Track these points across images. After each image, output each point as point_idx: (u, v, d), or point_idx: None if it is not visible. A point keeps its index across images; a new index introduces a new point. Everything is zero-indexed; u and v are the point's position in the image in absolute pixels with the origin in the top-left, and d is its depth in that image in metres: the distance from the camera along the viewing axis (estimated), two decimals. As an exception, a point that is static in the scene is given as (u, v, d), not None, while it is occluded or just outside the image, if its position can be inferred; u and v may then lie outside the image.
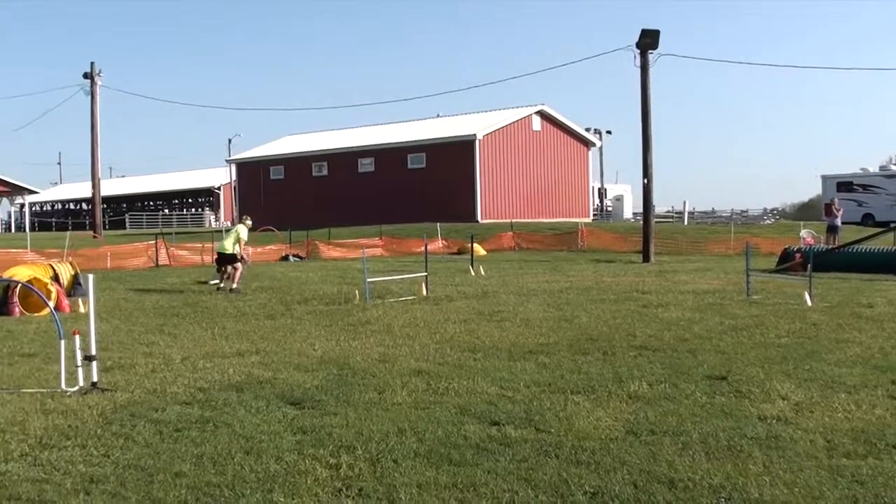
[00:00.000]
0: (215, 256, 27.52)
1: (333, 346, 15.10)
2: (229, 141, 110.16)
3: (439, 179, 68.29)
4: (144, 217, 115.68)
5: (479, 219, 66.58)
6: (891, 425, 9.23)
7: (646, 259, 40.35)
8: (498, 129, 70.09)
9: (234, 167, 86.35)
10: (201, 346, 15.37)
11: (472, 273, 31.91)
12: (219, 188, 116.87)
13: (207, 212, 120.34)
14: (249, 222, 27.74)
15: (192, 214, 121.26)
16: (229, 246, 26.12)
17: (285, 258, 44.59)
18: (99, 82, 64.36)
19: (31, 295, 19.57)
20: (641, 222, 45.34)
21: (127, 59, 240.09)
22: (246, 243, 27.16)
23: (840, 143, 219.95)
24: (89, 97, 64.27)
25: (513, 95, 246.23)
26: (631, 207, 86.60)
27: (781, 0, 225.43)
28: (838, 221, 42.63)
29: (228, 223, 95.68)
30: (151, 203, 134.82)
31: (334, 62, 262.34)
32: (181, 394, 11.33)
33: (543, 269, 34.58)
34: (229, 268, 26.15)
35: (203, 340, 16.15)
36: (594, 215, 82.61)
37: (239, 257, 26.18)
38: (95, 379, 11.60)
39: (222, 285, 26.17)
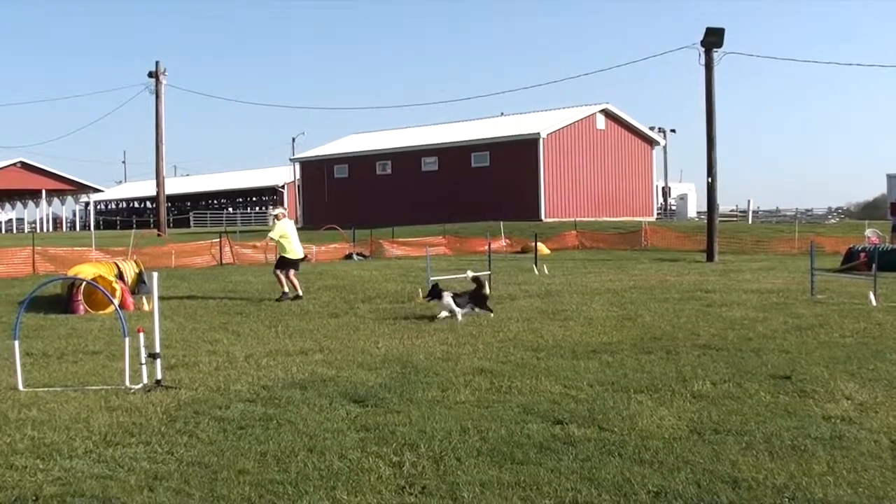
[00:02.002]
0: (287, 261, 23.86)
1: (397, 345, 15.18)
2: (293, 140, 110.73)
3: (503, 178, 68.21)
4: (209, 215, 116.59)
5: (542, 217, 66.45)
6: (957, 426, 9.16)
7: (710, 258, 40.11)
8: (562, 128, 69.94)
9: (298, 166, 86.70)
10: (265, 344, 15.49)
11: (536, 272, 31.84)
12: (282, 187, 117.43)
13: (271, 210, 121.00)
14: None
15: (255, 213, 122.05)
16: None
17: (349, 257, 44.73)
18: (164, 81, 64.75)
19: (96, 293, 19.74)
20: (705, 221, 45.08)
21: (192, 58, 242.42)
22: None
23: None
24: (154, 96, 64.78)
25: (577, 94, 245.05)
26: (695, 206, 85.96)
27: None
28: (903, 220, 42.18)
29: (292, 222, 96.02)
30: (215, 201, 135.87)
31: (399, 61, 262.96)
32: (245, 391, 11.44)
33: (607, 268, 34.48)
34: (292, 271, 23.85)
35: (267, 338, 16.28)
36: (658, 214, 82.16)
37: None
38: (159, 376, 11.75)
39: (299, 293, 23.33)
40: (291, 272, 23.68)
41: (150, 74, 64.59)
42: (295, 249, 23.88)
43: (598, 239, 53.96)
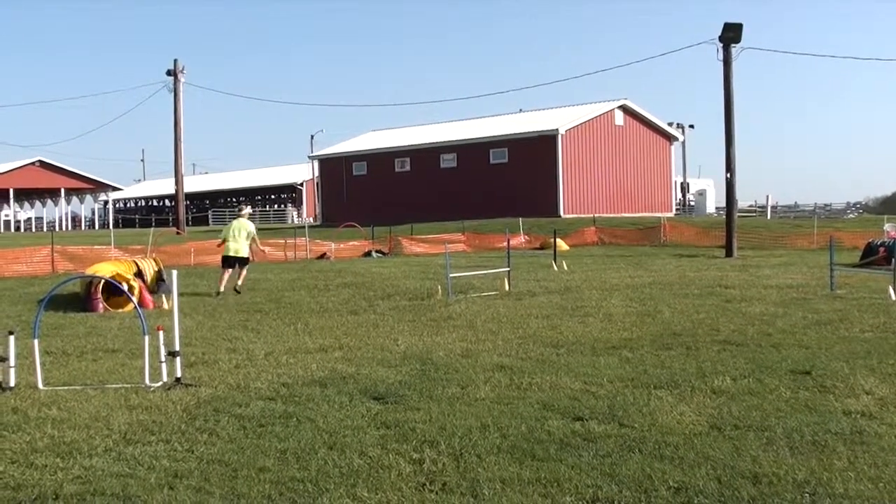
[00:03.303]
0: (222, 257, 25.39)
1: (416, 342, 15.18)
2: (312, 137, 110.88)
3: (521, 174, 68.06)
4: (227, 213, 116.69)
5: (561, 214, 66.29)
6: (980, 421, 9.12)
7: (728, 254, 40.00)
8: (580, 124, 69.73)
9: (316, 163, 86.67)
10: (284, 342, 15.50)
11: (555, 268, 31.78)
12: (301, 184, 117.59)
13: (290, 208, 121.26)
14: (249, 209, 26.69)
15: (274, 211, 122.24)
16: (246, 249, 25.17)
17: (368, 254, 44.70)
18: (182, 79, 64.69)
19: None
20: (724, 217, 44.95)
21: (211, 56, 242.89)
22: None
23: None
24: (172, 94, 64.82)
25: (595, 91, 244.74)
26: (713, 202, 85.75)
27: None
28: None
29: (311, 219, 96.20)
30: (234, 199, 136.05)
31: (417, 58, 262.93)
32: (264, 389, 11.46)
33: (626, 264, 34.39)
34: (237, 268, 25.04)
35: (286, 336, 16.29)
36: (676, 210, 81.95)
37: (251, 258, 26.46)
38: (179, 374, 11.76)
39: (222, 289, 24.01)
40: (229, 270, 24.79)
41: (169, 72, 64.56)
42: (228, 247, 25.00)
43: (616, 235, 53.87)
